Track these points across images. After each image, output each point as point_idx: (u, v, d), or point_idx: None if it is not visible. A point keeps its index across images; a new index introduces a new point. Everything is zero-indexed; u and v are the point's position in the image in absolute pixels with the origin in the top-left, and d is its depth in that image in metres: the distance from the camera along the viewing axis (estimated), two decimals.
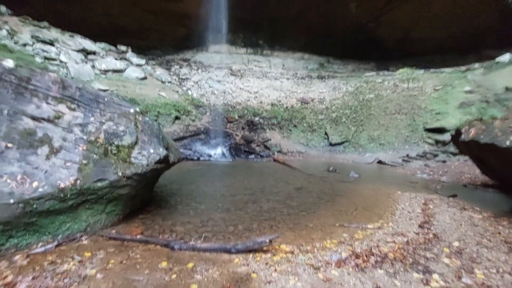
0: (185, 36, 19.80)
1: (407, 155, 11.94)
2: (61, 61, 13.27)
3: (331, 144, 13.86)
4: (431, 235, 3.51)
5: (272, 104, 17.22)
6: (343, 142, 13.76)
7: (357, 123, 14.65)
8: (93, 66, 14.29)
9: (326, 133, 14.43)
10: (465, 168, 9.38)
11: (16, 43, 12.36)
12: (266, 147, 13.39)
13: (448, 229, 3.76)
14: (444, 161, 10.81)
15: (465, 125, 5.68)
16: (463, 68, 17.36)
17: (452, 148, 10.81)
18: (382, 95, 16.36)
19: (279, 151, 13.36)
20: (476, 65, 17.05)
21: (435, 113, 13.42)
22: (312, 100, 17.68)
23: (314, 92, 18.80)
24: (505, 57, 15.93)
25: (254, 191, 5.94)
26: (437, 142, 12.20)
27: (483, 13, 16.05)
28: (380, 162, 11.71)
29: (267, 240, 2.93)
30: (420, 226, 3.89)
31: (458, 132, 5.89)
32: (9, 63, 3.57)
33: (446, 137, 11.44)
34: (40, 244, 2.81)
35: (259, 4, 17.77)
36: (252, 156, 12.39)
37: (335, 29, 19.75)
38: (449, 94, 14.49)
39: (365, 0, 17.24)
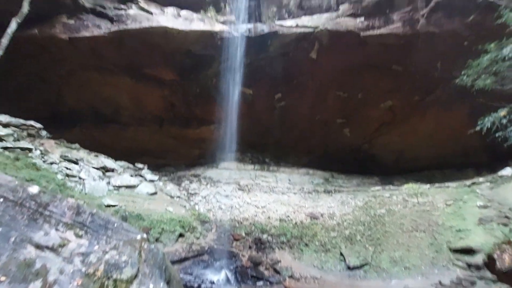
0: (199, 156, 21.93)
1: (440, 282, 10.25)
2: (80, 178, 14.15)
3: (349, 268, 12.27)
4: None
5: (281, 220, 16.63)
6: (362, 266, 12.21)
7: (373, 241, 13.51)
8: (108, 183, 15.08)
9: (341, 254, 13.09)
10: None
11: (44, 161, 13.64)
12: (276, 271, 11.92)
13: None
14: None
15: (496, 250, 5.18)
16: (467, 182, 17.51)
17: (489, 273, 9.41)
18: (394, 210, 15.89)
19: (291, 276, 11.75)
20: (481, 179, 17.26)
21: (456, 231, 12.53)
22: (322, 215, 17.13)
23: (323, 206, 18.50)
24: (507, 171, 16.34)
25: None
26: (469, 265, 10.77)
27: (465, 137, 17.68)
28: None
29: None
30: None
31: (491, 259, 5.31)
32: (34, 189, 3.79)
33: (478, 259, 10.19)
34: None
35: (265, 132, 20.89)
36: (261, 282, 10.87)
37: (334, 150, 21.85)
38: (463, 210, 14.01)
39: (356, 127, 19.90)
